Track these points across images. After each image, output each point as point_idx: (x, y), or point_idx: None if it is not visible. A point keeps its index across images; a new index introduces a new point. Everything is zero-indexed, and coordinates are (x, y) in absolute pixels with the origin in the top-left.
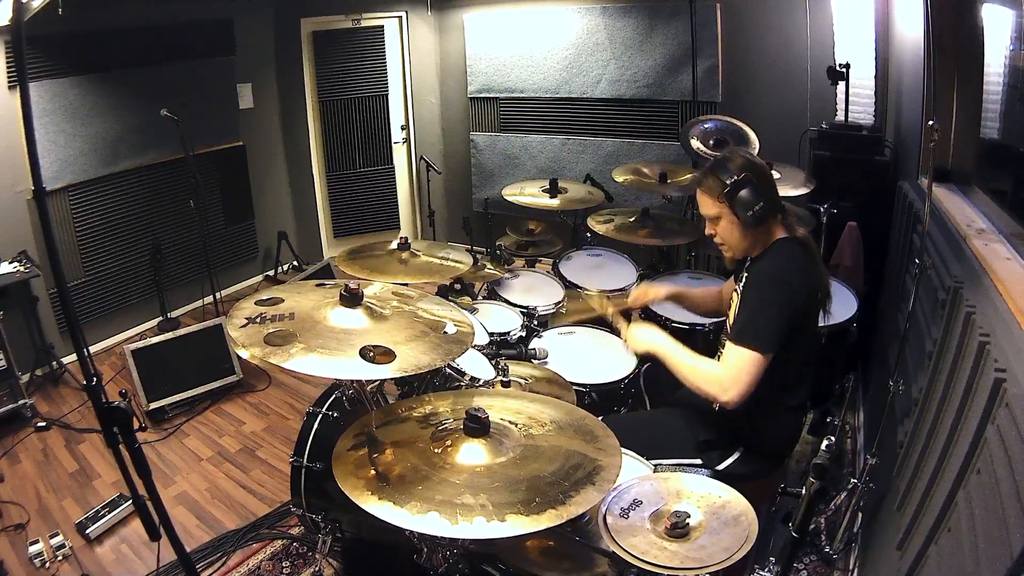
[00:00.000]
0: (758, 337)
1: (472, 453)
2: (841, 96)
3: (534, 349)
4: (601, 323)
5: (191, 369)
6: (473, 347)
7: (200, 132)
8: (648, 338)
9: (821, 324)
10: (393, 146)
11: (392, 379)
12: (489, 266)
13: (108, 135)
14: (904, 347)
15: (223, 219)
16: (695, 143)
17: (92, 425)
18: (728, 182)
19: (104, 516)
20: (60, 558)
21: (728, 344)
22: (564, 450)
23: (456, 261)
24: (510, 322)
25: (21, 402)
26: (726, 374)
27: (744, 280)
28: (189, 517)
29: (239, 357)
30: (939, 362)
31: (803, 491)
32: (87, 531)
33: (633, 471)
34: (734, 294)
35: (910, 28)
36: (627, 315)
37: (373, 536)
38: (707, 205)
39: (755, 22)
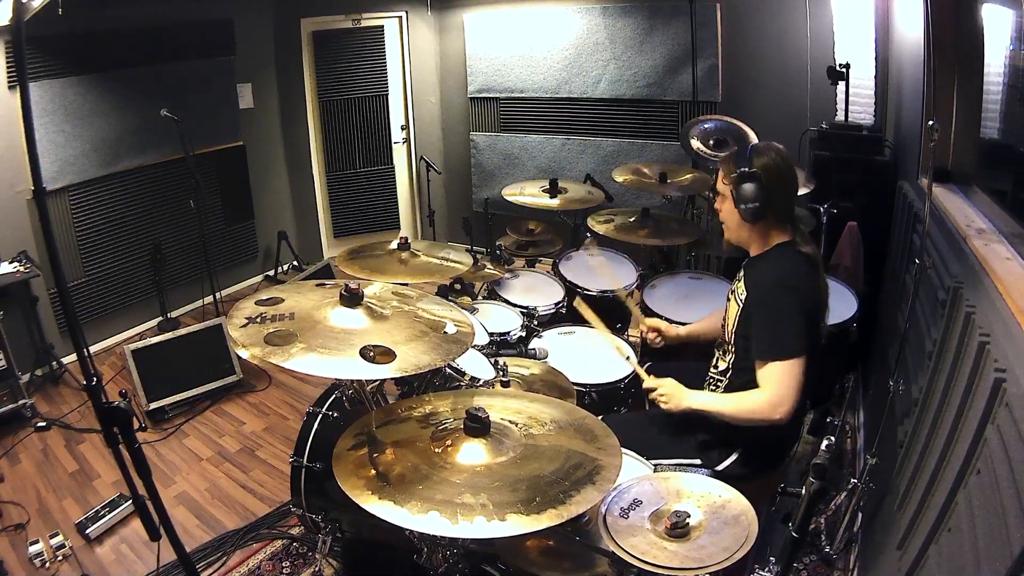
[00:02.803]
0: (786, 346)
1: (472, 453)
2: (841, 96)
3: (534, 349)
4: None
5: (191, 369)
6: (473, 347)
7: (200, 132)
8: (684, 397)
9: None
10: (393, 146)
11: (392, 379)
12: (489, 266)
13: (108, 135)
14: (904, 347)
15: (223, 219)
16: (695, 143)
17: (92, 425)
18: (741, 168)
19: (104, 516)
20: (60, 558)
21: (759, 365)
22: (564, 450)
23: (456, 261)
24: (510, 322)
25: (21, 402)
26: (770, 394)
27: (745, 291)
28: (189, 517)
29: (239, 357)
30: (939, 362)
31: (803, 491)
32: (87, 531)
33: (633, 471)
34: (731, 297)
35: (910, 28)
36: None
37: (373, 536)
38: (720, 181)
39: (755, 22)
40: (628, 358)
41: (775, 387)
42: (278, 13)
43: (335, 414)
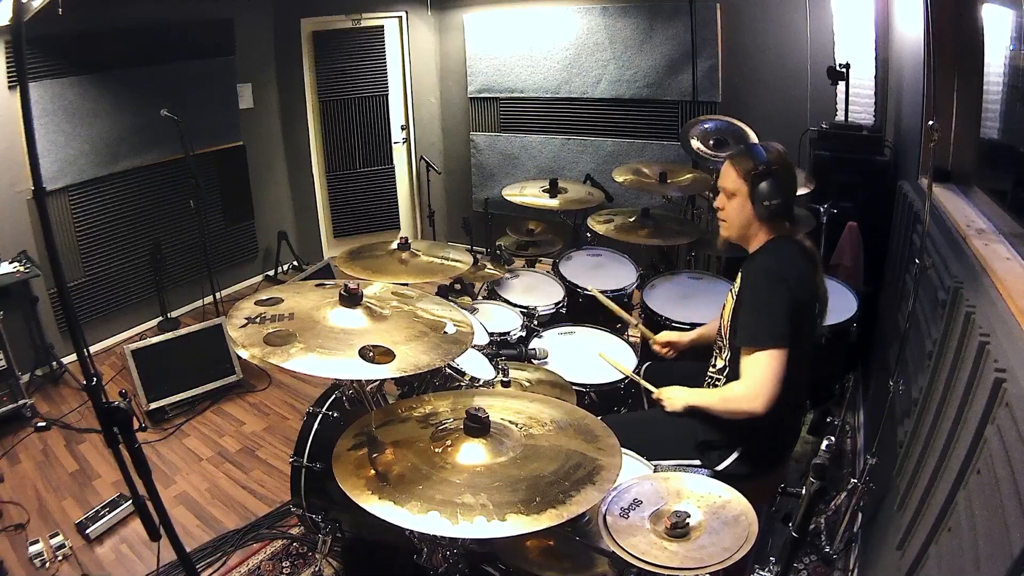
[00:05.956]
0: (768, 335)
1: (472, 453)
2: (841, 96)
3: (534, 349)
4: (601, 323)
5: (191, 369)
6: (473, 347)
7: (200, 132)
8: (681, 397)
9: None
10: (393, 146)
11: (392, 379)
12: (489, 266)
13: (108, 135)
14: (904, 347)
15: (223, 219)
16: (695, 143)
17: (92, 425)
18: (760, 165)
19: (104, 516)
20: (60, 558)
21: (742, 355)
22: (564, 450)
23: (456, 260)
24: (510, 322)
25: (21, 402)
26: (750, 384)
27: (739, 281)
28: (189, 517)
29: (239, 357)
30: (939, 362)
31: (803, 491)
32: (87, 531)
33: (633, 471)
34: (729, 295)
35: (910, 28)
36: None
37: (373, 536)
38: (729, 179)
39: (755, 22)
40: (638, 374)
41: (753, 376)
42: (278, 13)
43: (335, 414)
